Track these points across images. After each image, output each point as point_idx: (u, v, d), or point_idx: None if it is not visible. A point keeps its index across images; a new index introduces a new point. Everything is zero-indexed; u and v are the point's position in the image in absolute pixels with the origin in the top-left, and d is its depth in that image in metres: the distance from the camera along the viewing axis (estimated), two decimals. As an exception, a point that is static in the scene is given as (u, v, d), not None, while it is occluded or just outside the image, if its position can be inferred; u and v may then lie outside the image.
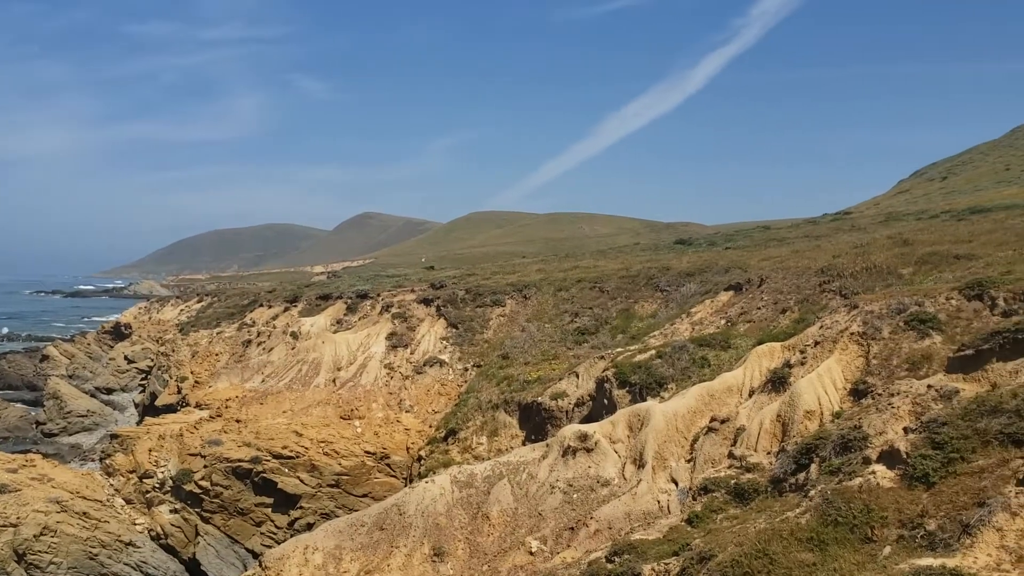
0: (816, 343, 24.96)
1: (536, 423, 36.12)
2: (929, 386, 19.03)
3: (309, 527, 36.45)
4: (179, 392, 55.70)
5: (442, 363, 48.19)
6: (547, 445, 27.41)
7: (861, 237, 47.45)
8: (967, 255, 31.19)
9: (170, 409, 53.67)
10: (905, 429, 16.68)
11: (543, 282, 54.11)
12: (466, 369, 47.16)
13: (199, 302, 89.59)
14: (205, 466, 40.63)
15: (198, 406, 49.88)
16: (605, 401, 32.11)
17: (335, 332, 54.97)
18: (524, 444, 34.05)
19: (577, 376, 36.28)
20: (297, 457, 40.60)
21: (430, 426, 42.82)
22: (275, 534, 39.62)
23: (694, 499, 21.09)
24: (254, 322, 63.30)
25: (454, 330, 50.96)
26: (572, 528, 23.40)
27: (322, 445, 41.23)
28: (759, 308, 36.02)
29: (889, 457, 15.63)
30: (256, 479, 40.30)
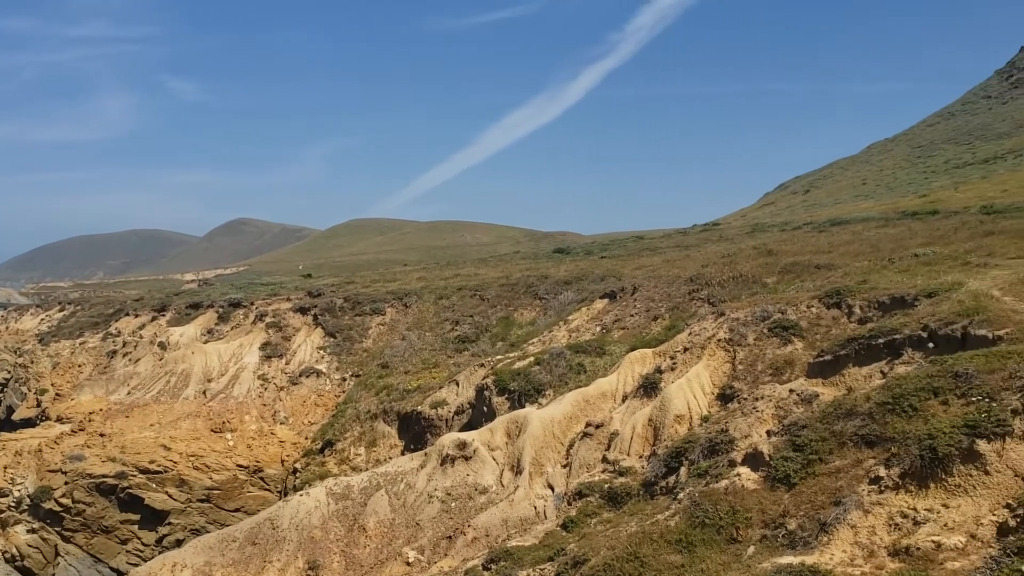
0: (686, 349, 25.69)
1: (416, 432, 35.83)
2: (791, 390, 19.87)
3: (178, 544, 35.00)
4: (38, 405, 52.64)
5: (319, 373, 47.20)
6: (425, 454, 27.25)
7: (729, 247, 49.19)
8: (827, 265, 32.70)
9: (28, 424, 50.61)
10: (768, 432, 17.35)
11: (424, 290, 53.79)
12: (344, 379, 46.34)
13: (61, 311, 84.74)
14: (66, 483, 38.55)
15: (59, 420, 47.22)
16: (485, 409, 32.15)
17: (206, 342, 53.07)
18: (403, 454, 33.70)
19: (457, 384, 36.20)
20: (165, 472, 39.01)
21: (306, 438, 41.86)
22: (142, 552, 37.91)
23: (569, 504, 21.33)
24: (120, 332, 60.44)
25: (332, 339, 50.02)
26: (450, 537, 23.30)
27: (192, 459, 39.74)
28: (632, 315, 36.85)
29: (753, 459, 16.22)
30: (122, 495, 38.50)
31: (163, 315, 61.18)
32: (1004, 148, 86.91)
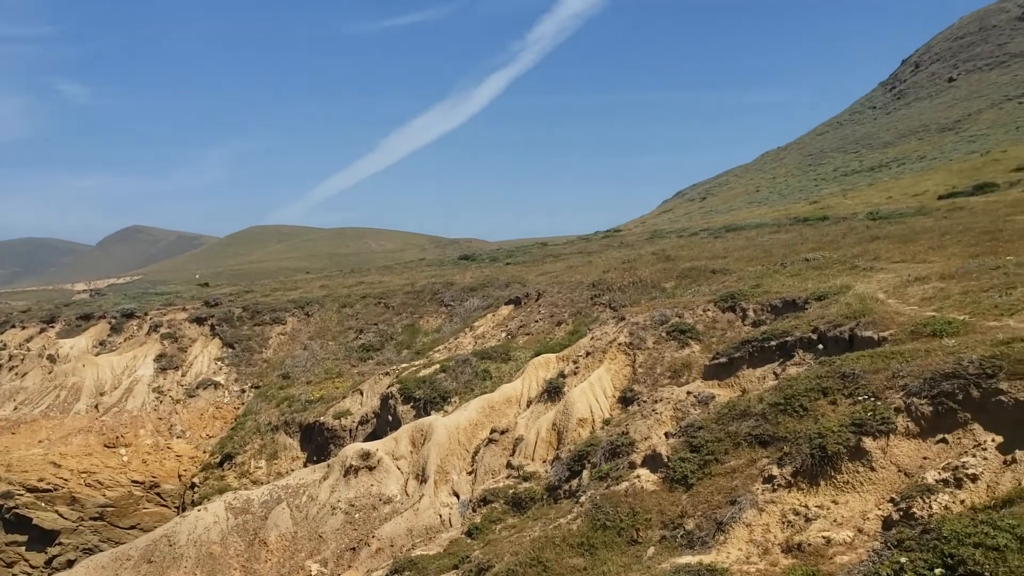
0: (588, 354, 26.02)
1: (319, 444, 35.24)
2: (688, 392, 20.34)
3: (70, 564, 33.53)
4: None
5: (217, 385, 45.90)
6: (328, 465, 26.83)
7: (629, 253, 50.05)
8: (722, 270, 33.62)
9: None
10: (667, 434, 17.71)
11: (327, 298, 52.93)
12: (243, 391, 45.19)
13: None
14: (-55, 505, 36.45)
15: (-64, 440, 44.57)
16: (390, 418, 31.87)
17: (98, 354, 50.94)
18: (306, 466, 33.10)
19: (361, 393, 35.79)
20: (55, 490, 37.29)
21: (204, 452, 40.65)
22: (30, 574, 36.14)
23: (474, 511, 21.31)
24: (5, 345, 57.43)
25: (230, 350, 48.70)
26: (354, 548, 22.98)
27: (84, 476, 38.10)
28: (537, 321, 37.15)
29: (652, 461, 16.51)
30: (7, 516, 36.61)
31: (52, 327, 58.45)
32: (888, 156, 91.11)
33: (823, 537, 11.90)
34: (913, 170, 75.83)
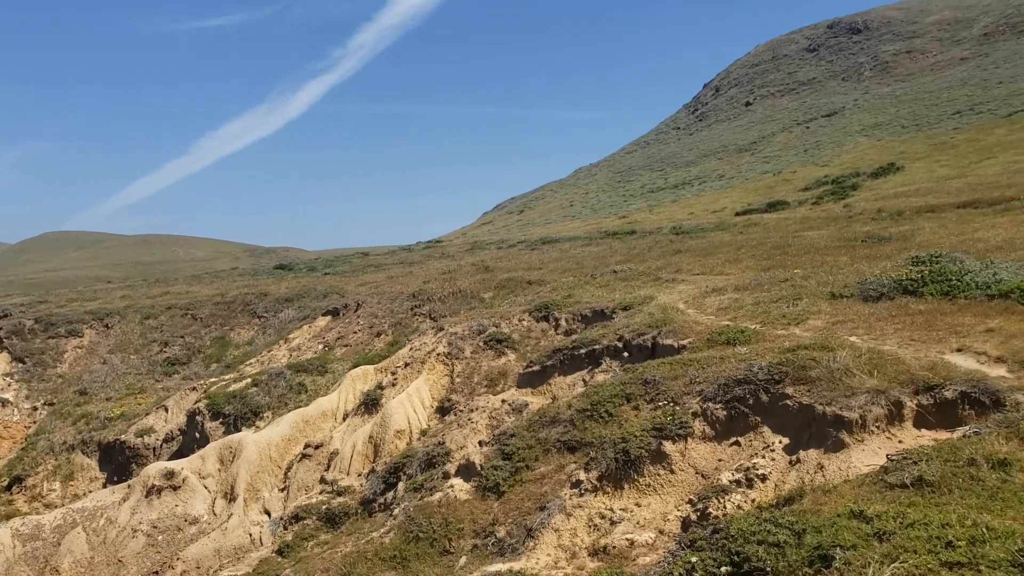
0: (407, 364, 25.95)
1: (120, 463, 33.19)
2: (503, 400, 20.68)
3: None
4: None
5: (5, 403, 42.24)
6: (129, 486, 25.33)
7: (450, 264, 50.44)
8: (538, 280, 34.50)
9: None
10: (481, 443, 17.90)
11: (128, 309, 49.96)
12: (35, 408, 41.84)
13: None
14: None
15: None
16: (197, 435, 30.50)
17: None
18: (105, 487, 31.07)
19: (166, 410, 34.06)
20: None
21: (-12, 476, 37.32)
22: None
23: (286, 528, 20.70)
24: None
25: (20, 365, 44.98)
26: (156, 572, 21.82)
27: None
28: (356, 332, 36.68)
29: (466, 470, 16.64)
30: None
31: None
32: (691, 175, 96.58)
33: (627, 539, 12.36)
34: (713, 188, 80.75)
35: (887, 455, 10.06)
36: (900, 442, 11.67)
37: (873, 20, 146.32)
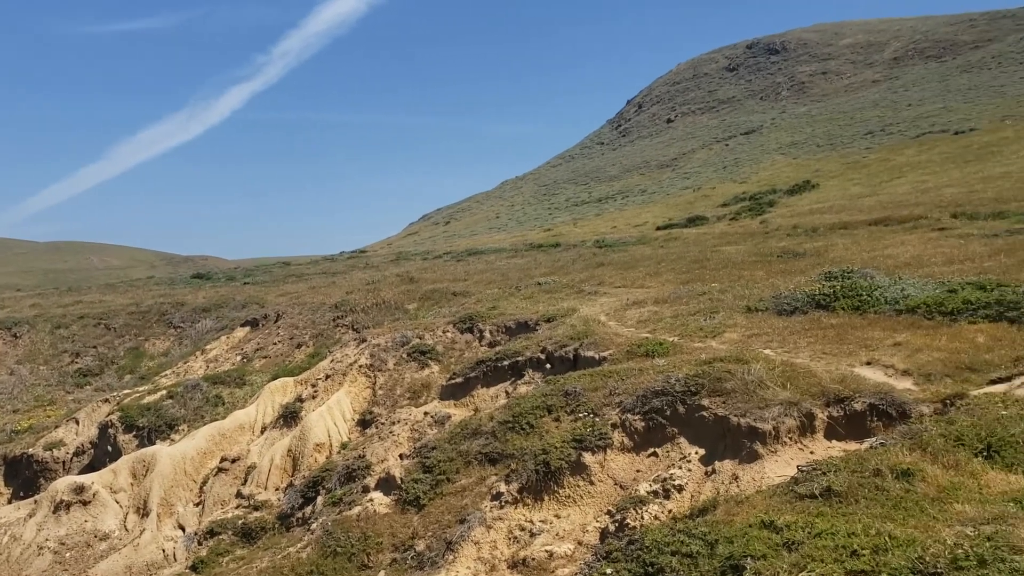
0: (327, 376, 25.63)
1: (26, 478, 31.92)
2: (426, 413, 20.57)
3: None
4: None
5: (-100, 416, 40.29)
6: (35, 501, 24.47)
7: (374, 274, 50.06)
8: (463, 292, 34.48)
9: None
10: (402, 456, 17.77)
11: (38, 318, 48.25)
12: (-66, 422, 40.03)
13: None
14: None
15: None
16: (109, 448, 29.57)
17: None
18: (10, 503, 29.87)
19: (77, 422, 32.93)
20: None
21: None
22: None
23: (200, 544, 20.19)
24: None
25: (-82, 376, 43.00)
26: (63, 592, 21.03)
27: None
28: (276, 343, 36.09)
29: (386, 484, 16.49)
30: None
31: None
32: (614, 189, 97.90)
33: (546, 551, 12.41)
34: (636, 202, 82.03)
35: (798, 466, 10.33)
36: (812, 453, 11.99)
37: (790, 42, 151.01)
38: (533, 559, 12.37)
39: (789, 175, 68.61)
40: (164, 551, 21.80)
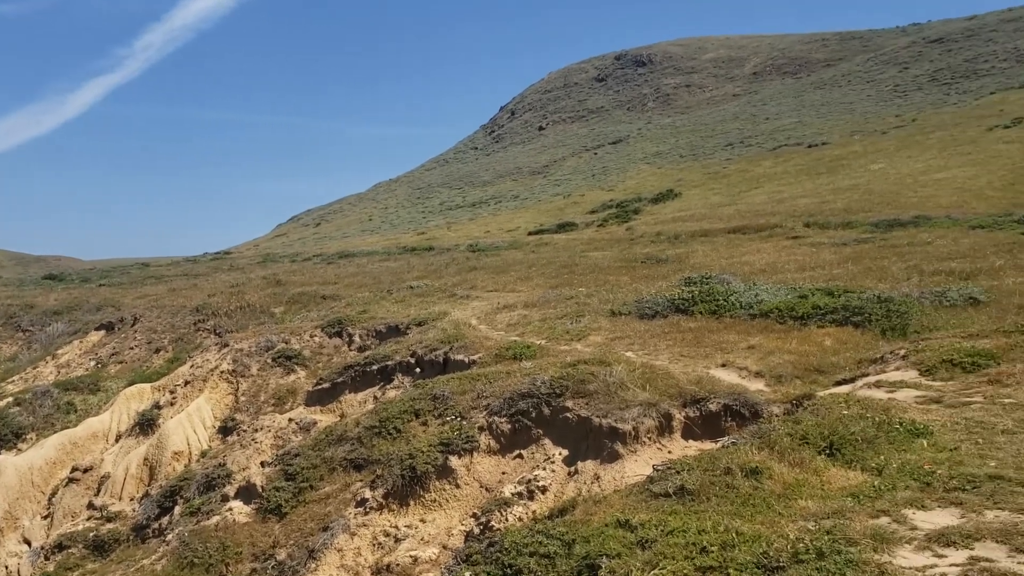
0: (187, 382, 24.75)
1: None
2: (290, 419, 20.14)
3: None
4: None
5: None
6: None
7: (239, 277, 48.62)
8: (332, 295, 33.91)
9: None
10: (263, 463, 17.35)
11: None
12: None
13: None
14: None
15: None
16: (-55, 460, 27.56)
17: None
18: None
19: (-91, 433, 30.57)
20: None
21: None
22: None
23: (47, 559, 19.14)
24: None
25: None
26: None
27: None
28: (132, 348, 34.59)
29: (247, 492, 16.06)
30: None
31: None
32: (488, 194, 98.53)
33: (411, 556, 12.37)
34: (508, 208, 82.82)
35: (653, 466, 10.66)
36: (670, 452, 12.41)
37: (656, 54, 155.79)
38: (397, 565, 12.31)
39: (654, 184, 70.78)
40: (7, 568, 20.63)
